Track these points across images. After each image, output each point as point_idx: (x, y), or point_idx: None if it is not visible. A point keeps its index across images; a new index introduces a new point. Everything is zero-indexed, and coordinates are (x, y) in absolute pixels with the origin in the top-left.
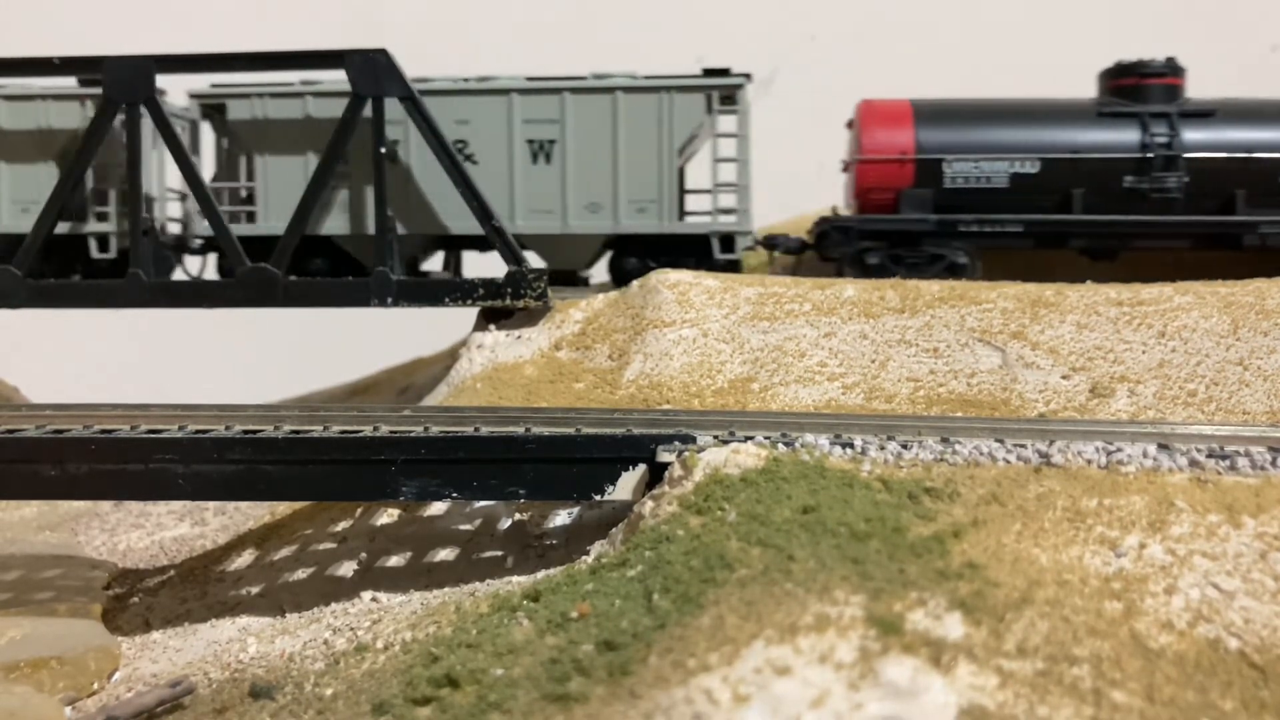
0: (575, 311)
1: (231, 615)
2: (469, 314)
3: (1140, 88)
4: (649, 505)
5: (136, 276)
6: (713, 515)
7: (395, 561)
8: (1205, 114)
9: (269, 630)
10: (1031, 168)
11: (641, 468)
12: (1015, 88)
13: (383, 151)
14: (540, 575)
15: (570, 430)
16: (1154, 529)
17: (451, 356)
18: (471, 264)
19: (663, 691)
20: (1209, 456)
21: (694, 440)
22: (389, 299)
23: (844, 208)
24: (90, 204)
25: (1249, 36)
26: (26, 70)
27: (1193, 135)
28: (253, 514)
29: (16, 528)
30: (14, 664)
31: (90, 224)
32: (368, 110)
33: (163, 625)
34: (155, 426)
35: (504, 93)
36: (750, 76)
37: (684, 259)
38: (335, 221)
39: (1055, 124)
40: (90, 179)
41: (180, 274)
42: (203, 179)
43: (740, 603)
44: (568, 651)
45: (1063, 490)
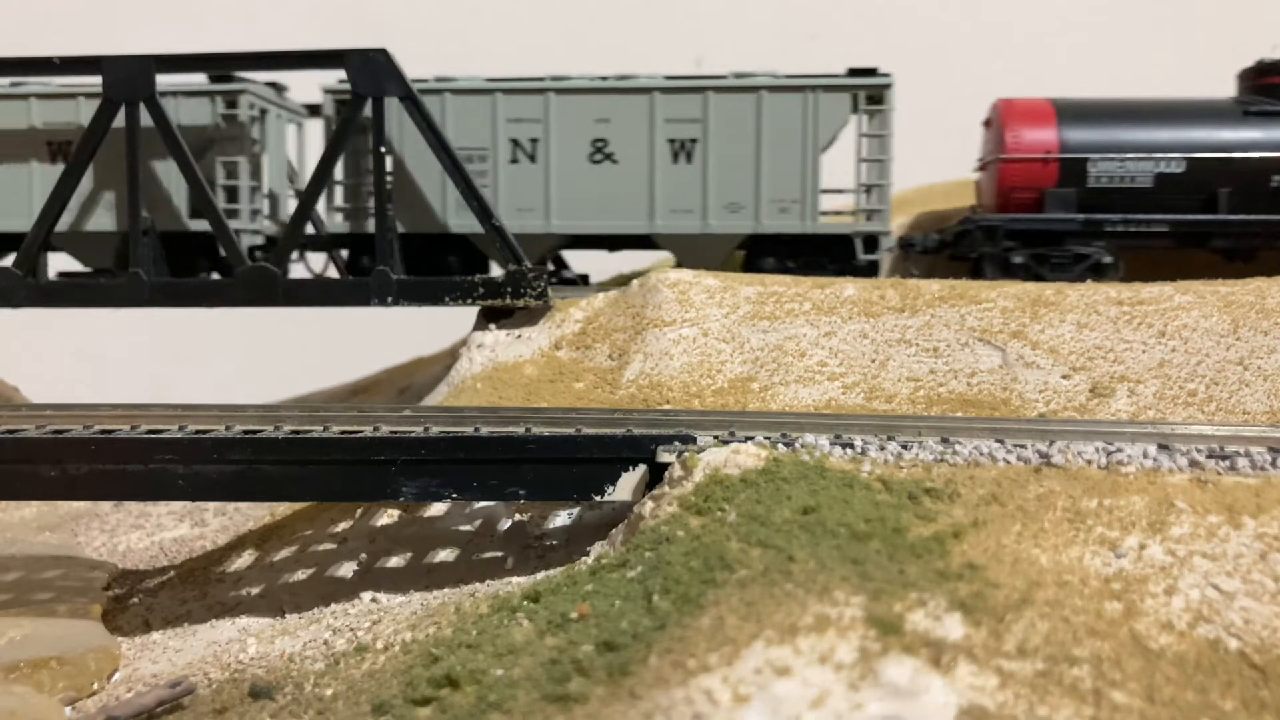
0: (575, 311)
1: (231, 616)
2: (469, 314)
3: None
4: (649, 506)
5: (136, 276)
6: (713, 516)
7: (395, 562)
8: None
9: (269, 631)
10: (1177, 167)
11: (641, 468)
12: (1026, 87)
13: (382, 151)
14: (540, 576)
15: (570, 430)
16: (1154, 529)
17: (451, 356)
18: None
19: (663, 692)
20: (1209, 457)
21: (694, 440)
22: (389, 298)
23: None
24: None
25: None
26: (27, 70)
27: None
28: (253, 514)
29: (16, 528)
30: (14, 664)
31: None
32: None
33: (163, 626)
34: (155, 426)
35: (646, 91)
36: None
37: (821, 260)
38: (470, 219)
39: (1200, 123)
40: (220, 176)
41: (303, 272)
42: (202, 179)
43: (740, 603)
44: (568, 652)
45: (1063, 491)
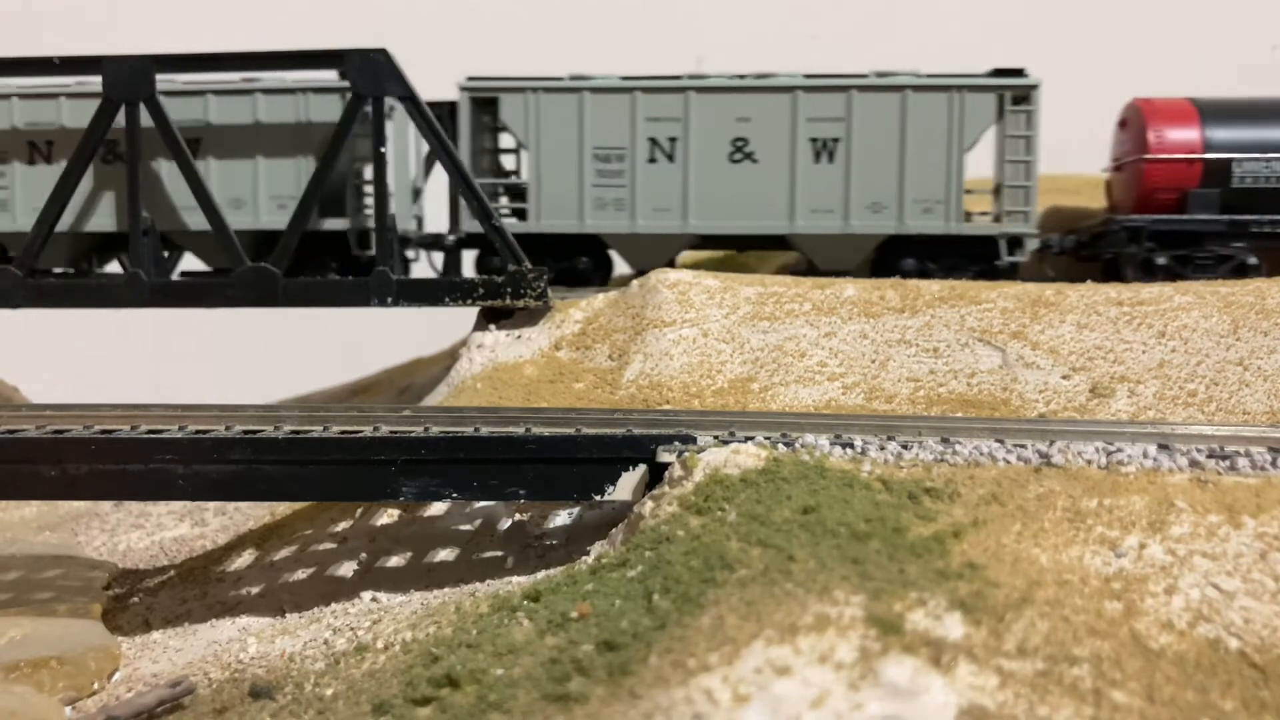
0: (575, 311)
1: (231, 615)
2: (469, 314)
3: None
4: (649, 505)
5: (136, 276)
6: (713, 515)
7: (395, 562)
8: None
9: (269, 630)
10: None
11: (641, 468)
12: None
13: (381, 151)
14: (540, 575)
15: (570, 430)
16: (1154, 529)
17: (451, 356)
18: None
19: (663, 691)
20: (1209, 457)
21: (694, 440)
22: (389, 299)
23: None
24: (351, 200)
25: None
26: (27, 70)
27: None
28: (253, 514)
29: (16, 528)
30: (14, 664)
31: (352, 219)
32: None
33: (163, 625)
34: (155, 426)
35: (788, 90)
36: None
37: (962, 261)
38: (604, 219)
39: None
40: (351, 174)
41: (428, 271)
42: (201, 178)
43: (740, 603)
44: (568, 651)
45: (1063, 490)
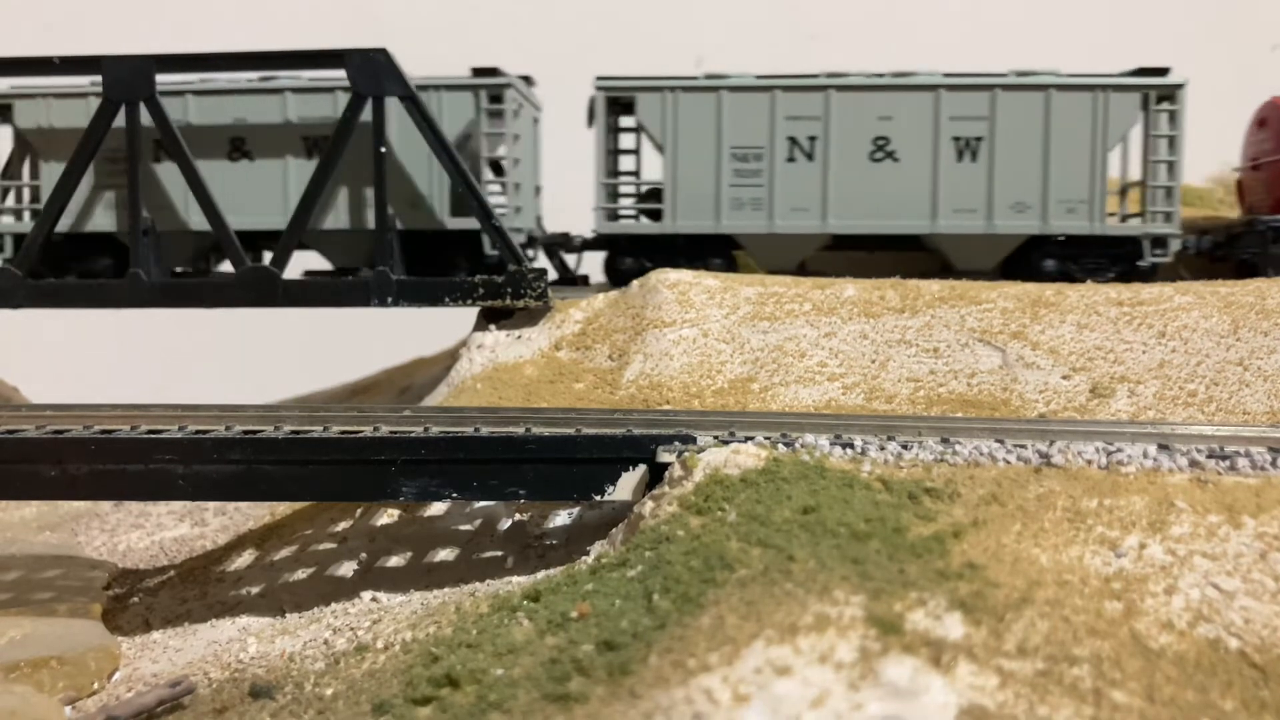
0: (575, 311)
1: (231, 615)
2: (469, 314)
3: None
4: (649, 505)
5: (136, 276)
6: (713, 515)
7: (395, 562)
8: None
9: (269, 630)
10: None
11: (641, 468)
12: None
13: (382, 151)
14: (540, 575)
15: (570, 430)
16: (1154, 529)
17: (451, 356)
18: None
19: (663, 691)
20: (1209, 457)
21: (694, 440)
22: (389, 299)
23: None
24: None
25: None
26: (27, 70)
27: None
28: (253, 514)
29: (16, 528)
30: (14, 664)
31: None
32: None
33: (163, 625)
34: (155, 426)
35: (931, 89)
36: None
37: (1104, 262)
38: (740, 219)
39: None
40: (486, 173)
41: (551, 273)
42: (201, 178)
43: (740, 603)
44: (568, 651)
45: (1063, 490)
